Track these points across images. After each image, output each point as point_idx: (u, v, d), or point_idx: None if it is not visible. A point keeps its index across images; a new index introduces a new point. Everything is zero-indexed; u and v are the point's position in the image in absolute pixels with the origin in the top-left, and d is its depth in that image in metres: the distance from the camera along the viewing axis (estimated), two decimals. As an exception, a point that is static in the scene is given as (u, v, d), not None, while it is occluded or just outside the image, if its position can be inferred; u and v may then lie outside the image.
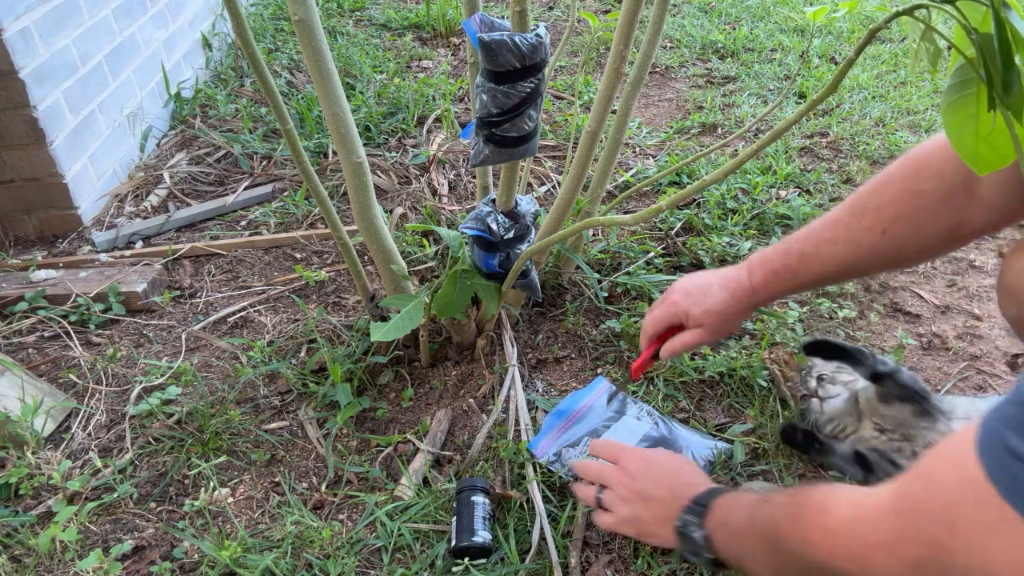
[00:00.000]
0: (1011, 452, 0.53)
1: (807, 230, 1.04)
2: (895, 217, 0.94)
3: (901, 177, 0.95)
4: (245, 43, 1.11)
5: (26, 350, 1.61)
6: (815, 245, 1.01)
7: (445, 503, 1.20)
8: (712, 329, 1.09)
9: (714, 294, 1.07)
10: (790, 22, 3.22)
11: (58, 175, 1.91)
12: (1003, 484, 0.54)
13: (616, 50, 1.21)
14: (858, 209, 0.98)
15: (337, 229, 1.36)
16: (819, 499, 0.74)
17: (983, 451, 0.56)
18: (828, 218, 1.02)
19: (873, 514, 0.66)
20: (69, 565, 1.14)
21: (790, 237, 1.06)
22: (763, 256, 1.08)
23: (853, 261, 0.99)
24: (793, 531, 0.75)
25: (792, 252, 1.03)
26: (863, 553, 0.66)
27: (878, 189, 0.97)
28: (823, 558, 0.70)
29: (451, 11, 3.18)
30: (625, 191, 1.83)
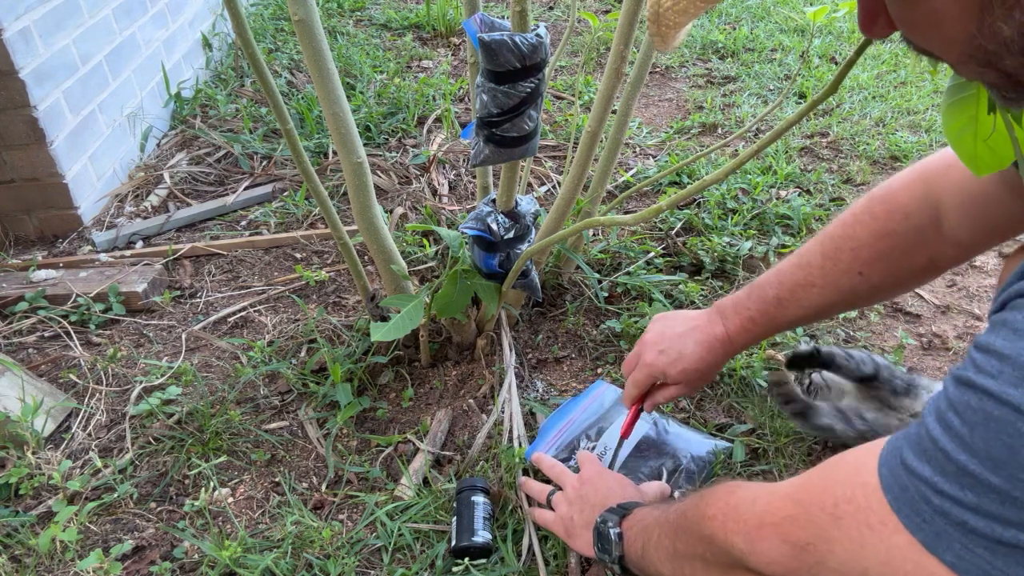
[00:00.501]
0: (905, 466, 0.56)
1: (777, 275, 1.03)
2: (871, 259, 0.95)
3: (871, 218, 0.95)
4: (245, 43, 1.11)
5: (26, 350, 1.61)
6: (791, 290, 1.01)
7: (445, 503, 1.20)
8: (690, 384, 1.09)
9: (690, 352, 1.06)
10: (790, 22, 3.22)
11: (58, 175, 1.91)
12: (892, 493, 0.57)
13: (616, 50, 1.21)
14: (831, 252, 0.98)
15: (337, 229, 1.36)
16: (729, 484, 0.77)
17: (882, 461, 0.59)
18: (800, 262, 1.01)
19: (772, 497, 0.69)
20: (69, 565, 1.14)
21: (760, 281, 1.05)
22: (735, 304, 1.06)
23: (831, 303, 1.00)
24: (697, 507, 0.79)
25: (767, 299, 1.02)
26: (754, 528, 0.69)
27: (848, 232, 0.97)
28: (718, 531, 0.73)
29: (451, 11, 3.18)
30: (625, 191, 1.83)
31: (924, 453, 0.55)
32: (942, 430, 0.54)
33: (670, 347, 1.07)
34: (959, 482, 0.52)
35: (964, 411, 0.52)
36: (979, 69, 0.49)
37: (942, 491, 0.53)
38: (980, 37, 0.45)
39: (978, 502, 0.51)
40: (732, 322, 1.05)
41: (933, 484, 0.54)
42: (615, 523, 0.95)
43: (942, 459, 0.53)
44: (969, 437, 0.51)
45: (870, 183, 2.12)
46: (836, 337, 1.56)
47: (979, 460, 0.51)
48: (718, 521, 0.74)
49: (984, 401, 0.51)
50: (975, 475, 0.51)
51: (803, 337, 1.53)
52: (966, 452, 0.51)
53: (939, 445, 0.54)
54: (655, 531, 0.87)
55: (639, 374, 1.10)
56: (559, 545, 1.12)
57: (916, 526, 0.55)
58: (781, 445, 1.29)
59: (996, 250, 1.83)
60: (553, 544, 1.13)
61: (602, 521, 0.97)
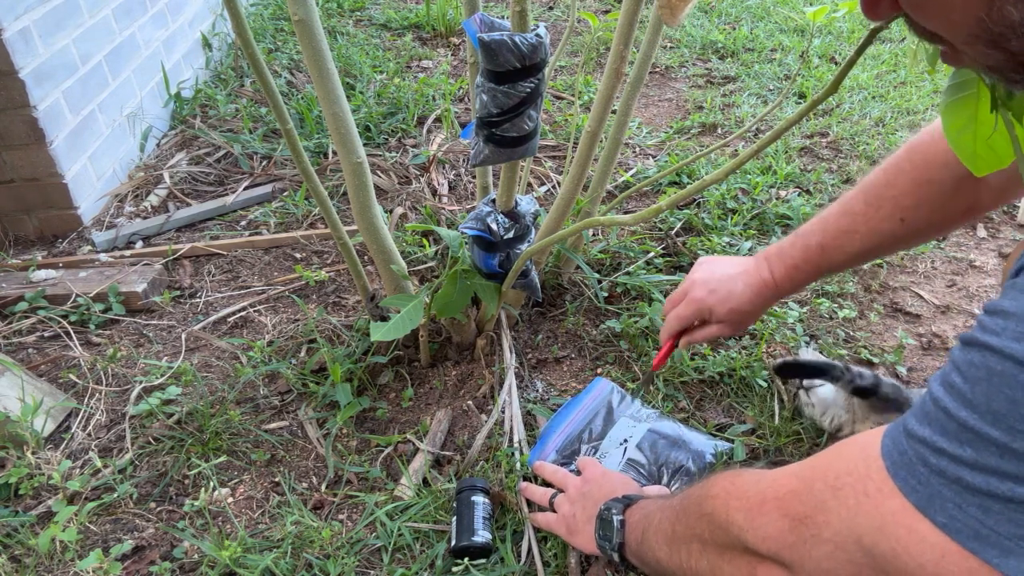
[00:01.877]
0: (907, 431, 0.57)
1: (820, 223, 1.06)
2: (914, 205, 0.97)
3: (911, 167, 0.97)
4: (245, 43, 1.11)
5: (26, 350, 1.61)
6: (833, 237, 1.04)
7: (445, 503, 1.20)
8: (735, 325, 1.12)
9: (739, 293, 1.09)
10: (790, 22, 3.22)
11: (58, 175, 1.91)
12: (891, 459, 0.58)
13: (616, 50, 1.21)
14: (874, 200, 1.00)
15: (337, 229, 1.36)
16: (737, 469, 0.79)
17: (886, 434, 0.60)
18: (841, 210, 1.04)
19: (778, 475, 0.70)
20: (69, 565, 1.14)
21: (803, 230, 1.08)
22: (780, 251, 1.10)
23: (872, 248, 1.03)
24: (701, 489, 0.79)
25: (811, 247, 1.06)
26: (756, 504, 0.69)
27: (890, 180, 0.99)
28: (719, 509, 0.74)
29: (451, 11, 3.18)
30: (625, 191, 1.83)
31: (926, 416, 0.55)
32: (944, 390, 0.54)
33: (720, 286, 1.10)
34: (959, 439, 0.52)
35: (967, 369, 0.53)
36: (985, 51, 0.49)
37: (940, 449, 0.53)
38: (989, 20, 0.46)
39: (976, 457, 0.51)
40: (778, 269, 1.08)
41: (932, 443, 0.54)
42: (619, 511, 0.96)
43: (943, 418, 0.54)
44: (971, 393, 0.52)
45: (870, 183, 2.12)
46: (836, 337, 1.56)
47: (979, 415, 0.51)
48: (720, 499, 0.74)
49: (987, 357, 0.51)
50: (975, 429, 0.51)
51: (803, 337, 1.54)
52: (967, 408, 0.52)
53: (940, 405, 0.54)
54: (656, 515, 0.88)
55: (686, 309, 1.12)
56: (559, 546, 1.12)
57: (911, 488, 0.55)
58: (781, 445, 1.29)
59: (997, 250, 1.83)
60: (552, 545, 1.13)
61: (606, 508, 0.98)
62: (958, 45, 0.51)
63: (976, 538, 0.51)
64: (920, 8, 0.50)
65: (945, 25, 0.50)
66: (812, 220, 1.08)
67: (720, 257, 1.17)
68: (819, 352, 1.50)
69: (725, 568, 0.74)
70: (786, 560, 0.65)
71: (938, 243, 1.88)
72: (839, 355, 1.49)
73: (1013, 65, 0.48)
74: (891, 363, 1.49)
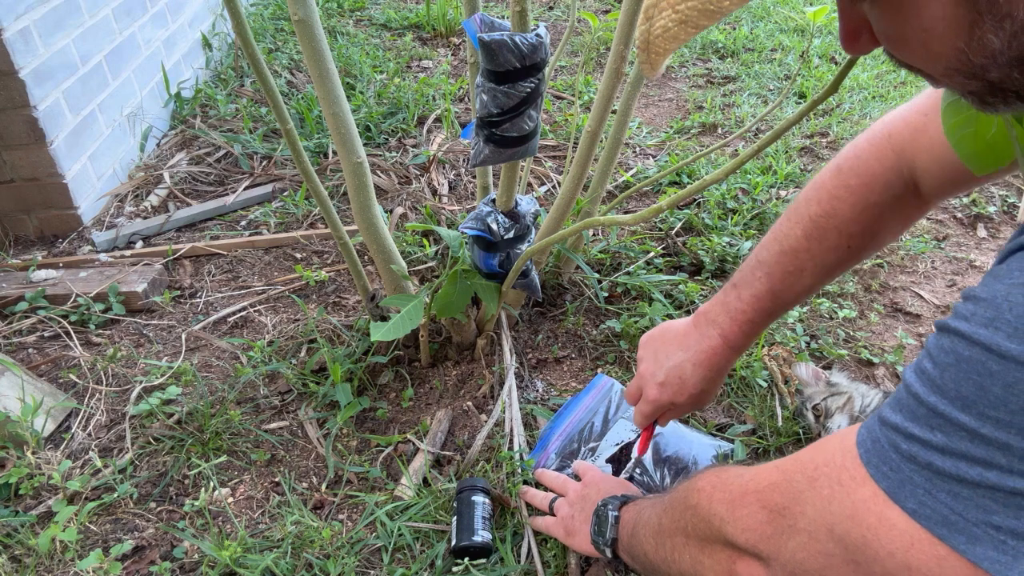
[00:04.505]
0: (880, 420, 0.57)
1: (760, 267, 0.98)
2: (859, 232, 0.94)
3: (849, 193, 0.93)
4: (245, 43, 1.11)
5: (26, 350, 1.61)
6: (781, 280, 0.97)
7: (445, 503, 1.20)
8: (700, 403, 1.06)
9: (691, 376, 1.01)
10: (790, 22, 3.22)
11: (58, 175, 1.91)
12: (864, 447, 0.58)
13: (616, 50, 1.21)
14: (815, 232, 0.95)
15: (337, 229, 1.36)
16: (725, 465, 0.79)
17: (864, 424, 0.60)
18: (783, 249, 0.97)
19: (761, 469, 0.70)
20: (69, 565, 1.14)
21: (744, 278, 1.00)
22: (725, 307, 1.00)
23: (822, 280, 0.99)
24: (688, 482, 0.80)
25: (760, 295, 0.98)
26: (738, 496, 0.70)
27: (827, 209, 0.94)
28: (703, 502, 0.74)
29: (451, 11, 3.18)
30: (625, 191, 1.83)
31: (899, 403, 0.56)
32: (916, 376, 0.55)
33: (669, 377, 1.02)
34: (929, 424, 0.53)
35: (937, 355, 0.53)
36: (964, 81, 0.49)
37: (911, 435, 0.54)
38: (969, 51, 0.46)
39: (946, 442, 0.51)
40: (728, 328, 1.00)
41: (903, 429, 0.54)
42: (615, 507, 0.97)
43: (914, 404, 0.54)
44: (940, 379, 0.52)
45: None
46: (836, 337, 1.56)
47: (949, 400, 0.51)
48: (705, 492, 0.75)
49: (956, 342, 0.52)
50: (944, 415, 0.51)
51: (803, 337, 1.53)
52: (936, 393, 0.52)
53: (912, 391, 0.55)
54: (647, 511, 0.89)
55: (647, 408, 1.06)
56: (558, 547, 1.12)
57: (883, 475, 0.55)
58: (781, 445, 1.29)
59: (996, 250, 1.83)
60: (552, 546, 1.13)
61: (603, 504, 0.99)
62: (937, 76, 0.51)
63: (944, 524, 0.52)
64: (899, 43, 0.50)
65: (925, 58, 0.50)
66: (747, 266, 1.00)
67: (661, 331, 1.07)
68: (819, 353, 1.49)
69: (705, 561, 0.74)
70: (763, 553, 0.65)
71: (938, 243, 1.88)
72: (839, 355, 1.49)
73: (991, 90, 0.49)
74: (891, 363, 1.49)
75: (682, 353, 1.02)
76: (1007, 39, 0.44)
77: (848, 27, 0.52)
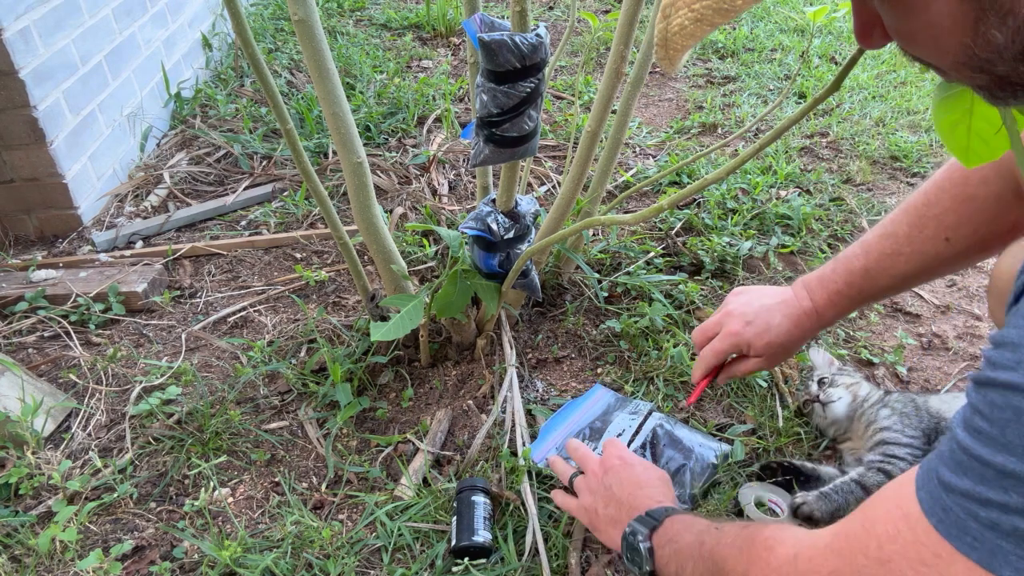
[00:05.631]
0: (944, 485, 0.54)
1: (862, 246, 1.03)
2: (956, 224, 0.95)
3: (951, 184, 0.95)
4: (245, 43, 1.11)
5: (26, 350, 1.61)
6: (877, 260, 1.01)
7: (445, 503, 1.20)
8: (773, 358, 1.07)
9: (778, 324, 1.04)
10: (790, 22, 3.22)
11: (58, 175, 1.91)
12: (936, 517, 0.55)
13: (616, 50, 1.21)
14: (916, 220, 0.98)
15: (337, 229, 1.36)
16: (767, 535, 0.74)
17: (919, 487, 0.57)
18: (882, 232, 1.01)
19: (813, 552, 0.67)
20: (69, 565, 1.14)
21: (843, 255, 1.04)
22: (821, 277, 1.05)
23: (919, 270, 1.00)
24: (737, 562, 0.76)
25: (855, 270, 1.02)
26: None
27: (931, 200, 0.97)
28: None
29: (451, 11, 3.18)
30: (625, 191, 1.83)
31: (959, 466, 0.53)
32: (972, 437, 0.52)
33: (758, 318, 1.05)
34: (1002, 485, 0.50)
35: (991, 412, 0.51)
36: (972, 75, 0.49)
37: (987, 500, 0.51)
38: (974, 46, 0.46)
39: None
40: (819, 296, 1.04)
41: (976, 496, 0.52)
42: (645, 536, 0.92)
43: (979, 467, 0.52)
44: (1002, 437, 0.50)
45: (870, 183, 2.12)
46: (836, 337, 1.56)
47: (1017, 456, 0.49)
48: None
49: (1009, 396, 0.50)
50: (1016, 474, 0.49)
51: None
52: (1003, 452, 0.50)
53: (972, 453, 0.52)
54: (689, 564, 0.85)
55: (722, 343, 1.07)
56: (559, 545, 1.12)
57: (969, 547, 0.53)
58: (781, 445, 1.29)
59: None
60: (553, 545, 1.13)
61: (631, 532, 0.94)
62: (946, 70, 0.51)
63: None
64: (907, 37, 0.51)
65: (933, 53, 0.50)
66: (852, 245, 1.04)
67: (757, 287, 1.12)
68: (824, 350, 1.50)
69: None
70: None
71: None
72: (839, 355, 1.49)
73: (999, 84, 0.49)
74: (891, 363, 1.49)
75: (775, 304, 1.06)
76: (1011, 35, 0.44)
77: (861, 23, 0.53)
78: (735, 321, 1.07)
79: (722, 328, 1.08)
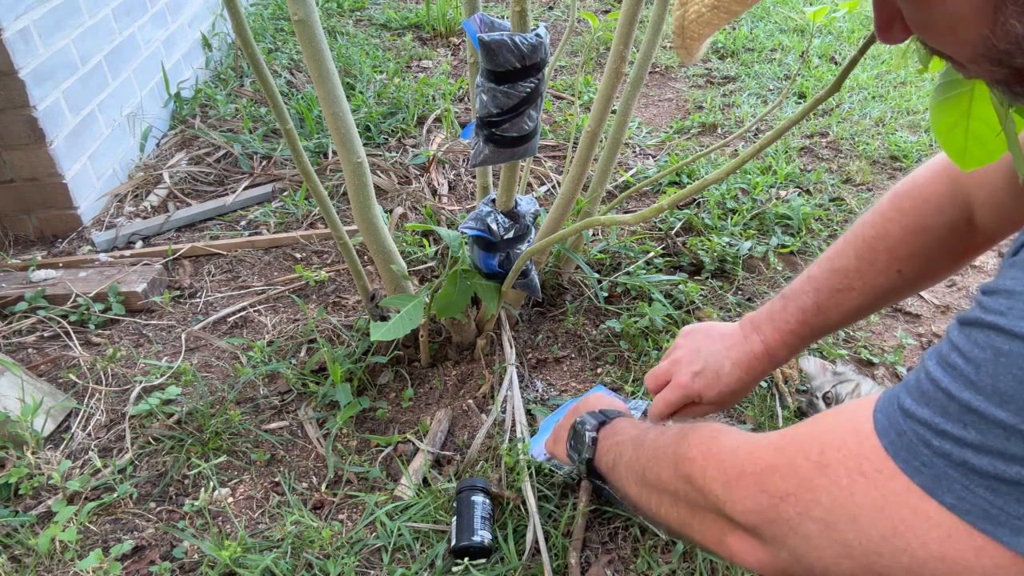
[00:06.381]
0: (903, 410, 0.55)
1: (810, 283, 1.00)
2: (909, 255, 0.94)
3: (901, 215, 0.94)
4: (245, 43, 1.11)
5: (26, 350, 1.61)
6: (828, 296, 0.98)
7: (445, 503, 1.20)
8: (726, 403, 1.06)
9: (728, 373, 1.02)
10: (790, 22, 3.22)
11: (58, 175, 1.91)
12: (887, 438, 0.56)
13: (616, 50, 1.21)
14: (866, 254, 0.96)
15: (337, 229, 1.36)
16: (714, 427, 0.75)
17: (878, 407, 0.58)
18: (833, 267, 0.99)
19: (754, 446, 0.68)
20: (69, 565, 1.14)
21: (791, 292, 1.02)
22: (770, 317, 1.02)
23: (870, 303, 0.98)
24: (678, 446, 0.77)
25: (806, 308, 0.99)
26: (733, 477, 0.67)
27: (879, 231, 0.95)
28: (696, 474, 0.72)
29: (451, 11, 3.18)
30: (625, 191, 1.83)
31: (923, 396, 0.54)
32: (943, 371, 0.53)
33: (706, 368, 1.03)
34: (962, 420, 0.51)
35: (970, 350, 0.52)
36: (991, 68, 0.49)
37: (943, 431, 0.52)
38: (993, 37, 0.46)
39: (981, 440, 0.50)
40: (771, 337, 1.01)
41: (934, 425, 0.53)
42: (592, 427, 0.98)
43: (944, 399, 0.52)
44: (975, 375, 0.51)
45: (870, 183, 2.12)
46: (836, 337, 1.56)
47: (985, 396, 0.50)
48: (698, 464, 0.73)
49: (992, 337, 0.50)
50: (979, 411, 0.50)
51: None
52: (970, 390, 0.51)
53: (940, 385, 0.53)
54: (628, 451, 0.88)
55: (672, 395, 1.06)
56: (559, 545, 1.12)
57: (915, 469, 0.54)
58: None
59: (996, 250, 1.83)
60: (553, 545, 1.13)
61: (580, 422, 0.99)
62: (965, 63, 0.51)
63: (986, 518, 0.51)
64: (928, 29, 0.51)
65: (952, 44, 0.50)
66: (798, 281, 1.02)
67: (705, 327, 1.09)
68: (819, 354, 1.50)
69: (695, 526, 0.73)
70: (766, 535, 0.64)
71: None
72: (839, 355, 1.49)
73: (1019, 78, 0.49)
74: (891, 363, 1.49)
75: (724, 350, 1.03)
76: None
77: (881, 16, 0.53)
78: (683, 372, 1.05)
79: (672, 377, 1.07)
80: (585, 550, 1.14)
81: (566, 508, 1.18)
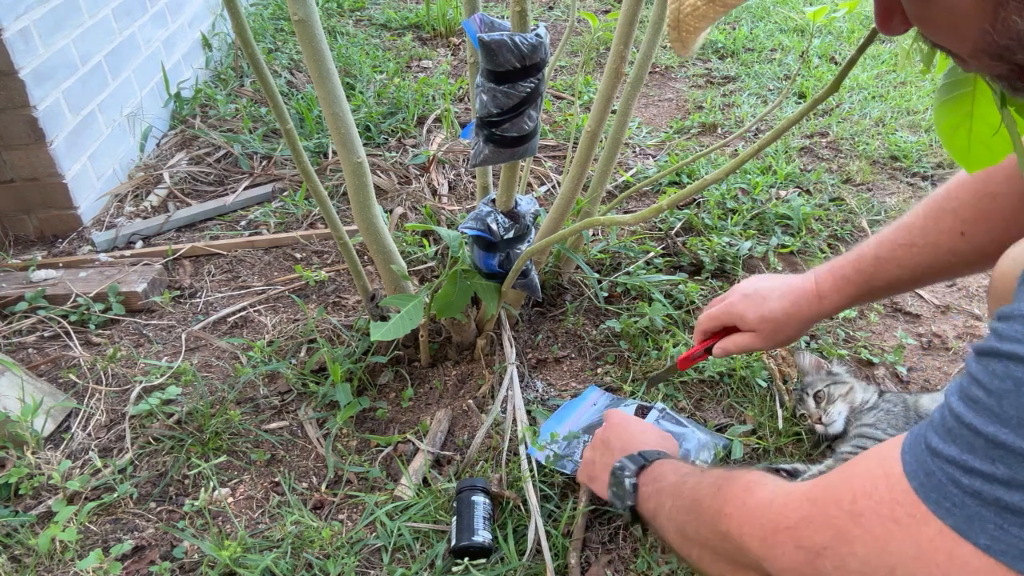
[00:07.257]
0: (930, 450, 0.54)
1: (878, 237, 1.02)
2: (973, 219, 0.94)
3: (972, 180, 0.94)
4: (245, 43, 1.11)
5: (26, 350, 1.61)
6: (890, 250, 0.99)
7: (445, 503, 1.20)
8: (765, 336, 1.07)
9: (772, 301, 1.05)
10: (790, 22, 3.22)
11: (58, 175, 1.91)
12: (917, 480, 0.54)
13: (616, 50, 1.21)
14: (933, 212, 0.97)
15: (337, 229, 1.36)
16: (748, 479, 0.75)
17: (905, 450, 0.57)
18: (900, 224, 1.00)
19: (789, 498, 0.67)
20: (69, 565, 1.14)
21: (859, 246, 1.03)
22: (831, 264, 1.05)
23: (931, 264, 0.98)
24: (714, 500, 0.76)
25: (865, 257, 1.01)
26: (770, 534, 0.66)
27: (951, 193, 0.96)
28: (733, 531, 0.71)
29: (451, 11, 3.18)
30: (625, 191, 1.83)
31: (949, 433, 0.53)
32: (966, 406, 0.52)
33: (756, 293, 1.07)
34: (989, 456, 0.50)
35: (989, 381, 0.50)
36: (991, 63, 0.49)
37: (971, 468, 0.51)
38: (994, 32, 0.46)
39: (1011, 474, 0.48)
40: (825, 279, 1.03)
41: (961, 463, 0.51)
42: (632, 472, 0.95)
43: (970, 435, 0.51)
44: (998, 407, 0.49)
45: (870, 183, 2.12)
46: (836, 337, 1.56)
47: (1011, 428, 0.48)
48: (735, 521, 0.72)
49: (1011, 367, 0.49)
50: (1007, 445, 0.48)
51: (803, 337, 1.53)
52: (995, 423, 0.49)
53: (964, 421, 0.51)
54: (667, 501, 0.87)
55: (717, 310, 1.10)
56: (559, 545, 1.12)
57: (946, 511, 0.52)
58: (781, 445, 1.29)
59: None
60: (553, 544, 1.13)
61: (620, 468, 0.97)
62: (965, 57, 0.51)
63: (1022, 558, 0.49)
64: (927, 23, 0.51)
65: (952, 39, 0.50)
66: (871, 237, 1.03)
67: (774, 276, 1.12)
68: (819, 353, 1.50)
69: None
70: None
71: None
72: (839, 355, 1.49)
73: (1019, 74, 0.49)
74: (891, 363, 1.49)
75: (779, 283, 1.07)
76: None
77: (881, 9, 0.53)
78: (734, 294, 1.10)
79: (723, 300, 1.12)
80: (585, 550, 1.14)
81: (566, 508, 1.18)
